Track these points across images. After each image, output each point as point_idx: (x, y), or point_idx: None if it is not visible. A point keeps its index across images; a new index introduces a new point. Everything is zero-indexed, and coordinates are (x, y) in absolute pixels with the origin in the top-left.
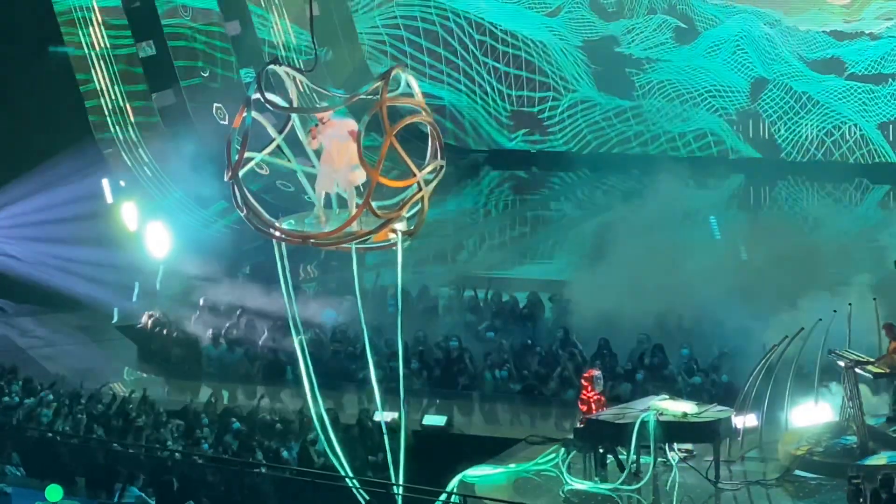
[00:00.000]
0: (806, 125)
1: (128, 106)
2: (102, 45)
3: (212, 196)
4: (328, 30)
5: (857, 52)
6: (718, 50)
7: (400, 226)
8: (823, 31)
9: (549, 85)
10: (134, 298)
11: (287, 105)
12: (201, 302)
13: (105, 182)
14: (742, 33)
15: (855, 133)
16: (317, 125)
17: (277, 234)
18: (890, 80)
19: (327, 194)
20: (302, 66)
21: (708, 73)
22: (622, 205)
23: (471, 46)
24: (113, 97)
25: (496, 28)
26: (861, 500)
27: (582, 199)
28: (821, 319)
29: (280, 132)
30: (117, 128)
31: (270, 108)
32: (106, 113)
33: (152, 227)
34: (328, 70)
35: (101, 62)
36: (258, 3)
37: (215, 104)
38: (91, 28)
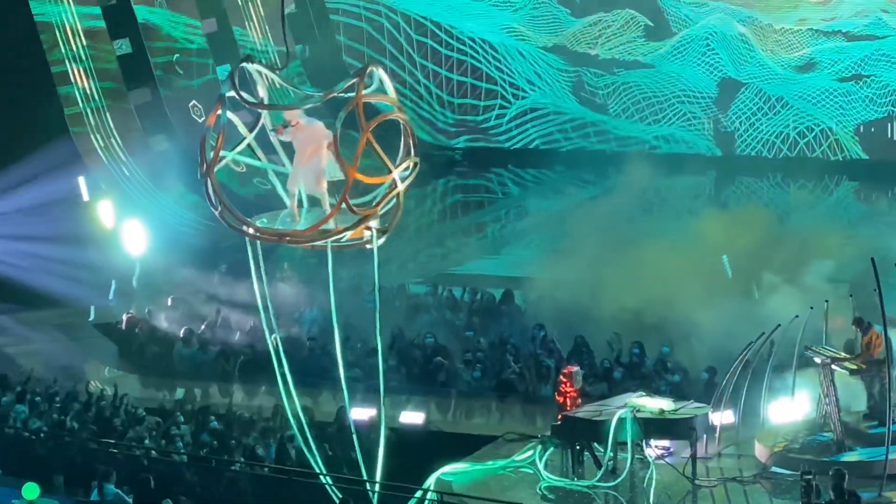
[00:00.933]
0: (776, 125)
1: (104, 103)
2: (79, 43)
3: (187, 193)
4: (304, 27)
5: (833, 52)
6: (688, 50)
7: (374, 223)
8: (799, 30)
9: (496, 93)
10: (111, 296)
11: (259, 104)
12: (169, 301)
13: (81, 179)
14: (714, 32)
15: (829, 137)
16: (284, 125)
17: (251, 231)
18: (867, 80)
19: (299, 193)
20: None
21: (677, 77)
22: (596, 201)
23: (405, 46)
24: (89, 94)
25: (440, 29)
26: (812, 495)
27: (556, 195)
28: (797, 316)
29: (251, 130)
30: (93, 125)
31: (246, 105)
32: (82, 110)
33: (129, 224)
34: (305, 67)
35: (78, 60)
36: (241, 24)
37: (191, 101)
38: (66, 25)
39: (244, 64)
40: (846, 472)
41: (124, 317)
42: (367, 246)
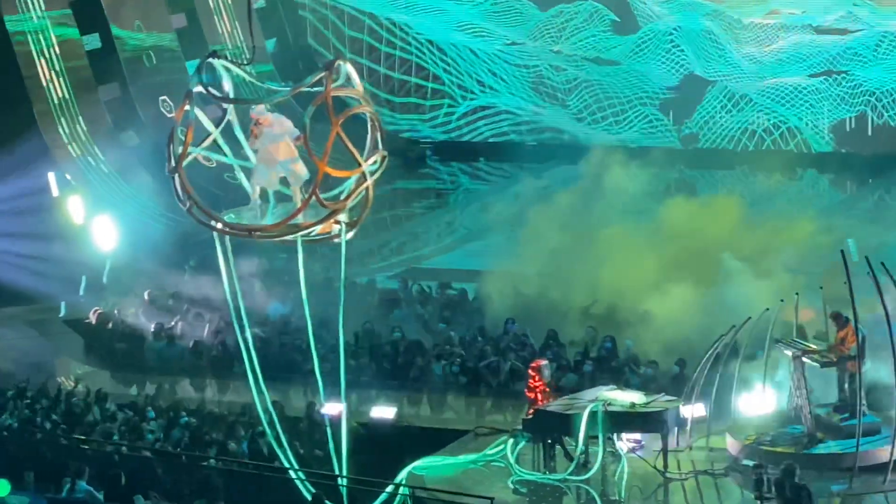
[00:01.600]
0: (742, 123)
1: (73, 98)
2: (48, 37)
3: (157, 188)
4: (274, 21)
5: (804, 47)
6: (651, 47)
7: (343, 217)
8: (768, 25)
9: (442, 92)
10: (81, 292)
11: (228, 99)
12: (146, 296)
13: (51, 175)
14: (678, 27)
15: (797, 135)
16: (255, 124)
17: (220, 227)
18: (837, 78)
19: (263, 188)
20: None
21: (640, 75)
22: (562, 194)
23: (333, 41)
24: (58, 89)
25: (380, 25)
26: (764, 488)
27: (523, 190)
28: (767, 309)
29: (217, 126)
30: (63, 121)
31: (214, 100)
32: (51, 105)
33: (99, 220)
34: (275, 61)
35: (46, 54)
36: (216, 40)
37: (161, 97)
38: (35, 18)
39: (210, 59)
40: (796, 467)
41: (91, 313)
42: (336, 240)
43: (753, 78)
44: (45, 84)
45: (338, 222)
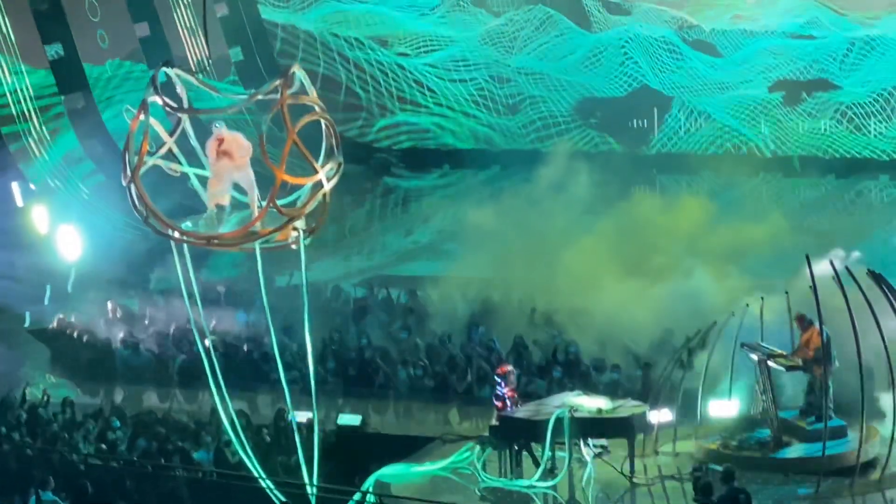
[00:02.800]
0: (700, 142)
1: (37, 108)
2: (10, 45)
3: (121, 198)
4: (237, 30)
5: (769, 57)
6: (603, 58)
7: (300, 224)
8: (731, 31)
9: (360, 106)
10: (45, 302)
11: (183, 108)
12: (110, 305)
13: (15, 185)
14: (633, 37)
15: (758, 154)
16: (220, 145)
17: (177, 235)
18: (802, 93)
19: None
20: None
21: (587, 88)
22: (522, 199)
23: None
24: (21, 99)
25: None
26: (701, 492)
27: (487, 196)
28: (733, 313)
29: (171, 135)
30: (27, 130)
31: (171, 110)
32: (14, 115)
33: (63, 229)
34: (239, 70)
35: (9, 63)
36: (180, 49)
37: (125, 105)
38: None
39: (164, 69)
40: (735, 470)
41: (56, 321)
42: (294, 247)
43: (714, 90)
44: (7, 93)
45: (295, 229)
